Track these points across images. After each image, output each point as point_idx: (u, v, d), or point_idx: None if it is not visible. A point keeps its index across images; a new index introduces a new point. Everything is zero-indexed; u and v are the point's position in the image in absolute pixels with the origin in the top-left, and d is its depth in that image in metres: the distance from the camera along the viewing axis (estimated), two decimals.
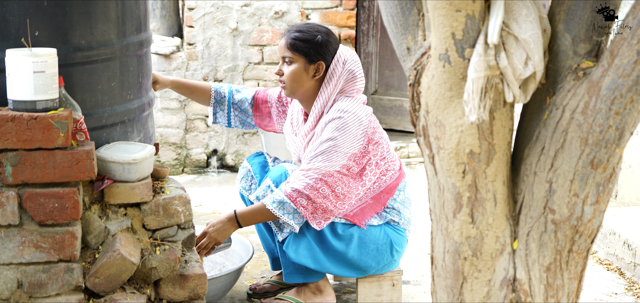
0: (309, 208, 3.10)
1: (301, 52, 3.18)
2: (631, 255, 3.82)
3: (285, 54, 3.20)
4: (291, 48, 3.19)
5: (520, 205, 1.88)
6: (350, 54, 3.24)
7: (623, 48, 1.69)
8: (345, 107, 3.14)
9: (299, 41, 3.18)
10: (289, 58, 3.19)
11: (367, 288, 3.33)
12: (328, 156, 3.10)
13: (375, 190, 3.22)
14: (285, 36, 3.22)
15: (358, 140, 3.13)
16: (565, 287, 1.89)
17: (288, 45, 3.19)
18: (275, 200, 3.10)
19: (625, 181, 4.32)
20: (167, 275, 2.64)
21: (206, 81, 5.41)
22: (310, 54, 3.18)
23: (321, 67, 3.18)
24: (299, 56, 3.18)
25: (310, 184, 3.08)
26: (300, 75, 3.19)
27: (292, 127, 3.38)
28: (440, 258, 1.96)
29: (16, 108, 2.42)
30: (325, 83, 3.18)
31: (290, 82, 3.20)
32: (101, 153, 2.62)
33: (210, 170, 5.53)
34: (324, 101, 3.19)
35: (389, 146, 3.26)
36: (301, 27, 3.23)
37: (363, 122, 3.14)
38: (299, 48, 3.17)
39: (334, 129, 3.11)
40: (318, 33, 3.19)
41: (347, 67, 3.19)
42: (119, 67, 2.74)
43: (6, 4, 2.48)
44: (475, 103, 1.75)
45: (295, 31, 3.20)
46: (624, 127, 1.74)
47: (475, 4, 1.73)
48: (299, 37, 3.18)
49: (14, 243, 2.46)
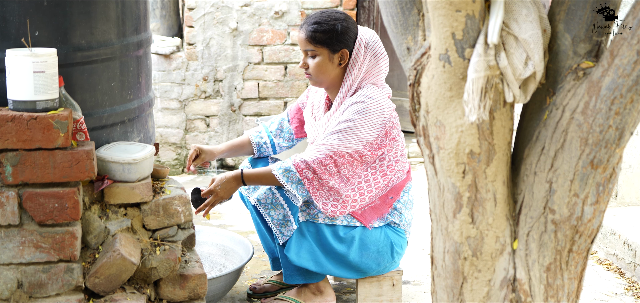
0: (314, 183, 3.09)
1: (323, 44, 3.15)
2: (631, 255, 3.82)
3: (307, 48, 3.17)
4: (312, 41, 3.15)
5: (520, 205, 1.88)
6: (371, 35, 3.22)
7: (623, 48, 1.69)
8: (371, 93, 3.13)
9: (319, 33, 3.14)
10: (312, 51, 3.16)
11: (367, 288, 3.33)
12: (343, 135, 3.09)
13: (383, 190, 3.22)
14: (304, 29, 3.18)
15: (376, 129, 3.12)
16: (565, 287, 1.89)
17: (308, 38, 3.16)
18: (282, 167, 3.10)
19: (625, 181, 4.32)
20: (167, 275, 2.64)
21: (206, 81, 5.41)
22: (332, 43, 3.15)
23: (345, 54, 3.16)
24: (322, 47, 3.15)
25: (319, 159, 3.08)
26: (326, 66, 3.17)
27: (313, 112, 3.36)
28: (440, 258, 1.96)
29: (16, 108, 2.42)
30: (349, 69, 3.17)
31: (317, 74, 3.18)
32: (101, 153, 2.62)
33: (210, 170, 5.53)
34: (348, 86, 3.17)
35: (403, 147, 3.26)
36: (318, 17, 3.18)
37: (384, 112, 3.13)
38: (320, 40, 3.15)
39: (355, 112, 3.10)
40: (337, 21, 3.16)
41: (369, 50, 3.18)
42: (119, 67, 2.74)
43: (6, 4, 2.48)
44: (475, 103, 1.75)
45: (313, 23, 3.16)
46: (624, 127, 1.74)
47: (475, 4, 1.73)
48: (318, 28, 3.15)
49: (14, 243, 2.46)
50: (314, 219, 3.21)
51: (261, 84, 5.50)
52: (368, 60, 3.16)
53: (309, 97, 3.43)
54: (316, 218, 3.20)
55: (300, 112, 3.48)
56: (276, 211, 3.20)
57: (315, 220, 3.20)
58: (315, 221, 3.21)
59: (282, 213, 3.20)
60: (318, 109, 3.34)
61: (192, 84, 5.41)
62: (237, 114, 5.49)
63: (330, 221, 3.20)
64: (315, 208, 3.20)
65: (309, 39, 3.16)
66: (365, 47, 3.16)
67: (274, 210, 3.20)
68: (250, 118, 5.50)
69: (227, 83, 5.45)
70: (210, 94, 5.44)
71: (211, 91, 5.44)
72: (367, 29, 3.23)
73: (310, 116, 3.36)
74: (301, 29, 3.19)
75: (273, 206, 3.20)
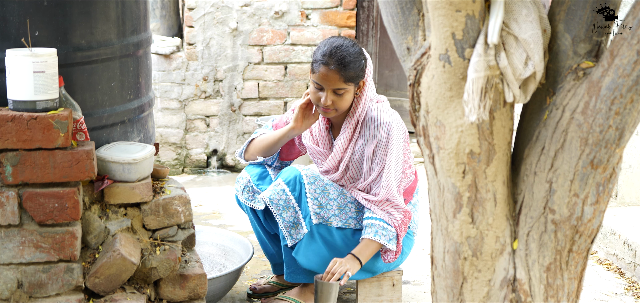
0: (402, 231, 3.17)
1: (353, 80, 3.06)
2: (631, 255, 3.82)
3: (337, 86, 3.04)
4: (346, 80, 3.04)
5: (520, 205, 1.88)
6: (366, 54, 3.19)
7: (623, 48, 1.69)
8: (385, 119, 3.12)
9: (352, 72, 3.03)
10: (342, 89, 3.05)
11: (367, 288, 3.33)
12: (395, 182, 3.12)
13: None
14: (334, 67, 3.01)
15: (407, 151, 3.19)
16: (565, 287, 1.89)
17: (343, 78, 3.03)
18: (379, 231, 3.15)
19: (625, 181, 4.32)
20: (167, 275, 2.64)
21: (206, 81, 5.41)
22: (359, 78, 3.09)
23: (363, 84, 3.12)
24: (352, 84, 3.07)
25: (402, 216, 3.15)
26: (350, 98, 3.10)
27: (313, 137, 3.30)
28: (440, 258, 1.96)
29: (16, 108, 2.42)
30: (361, 94, 3.13)
31: (344, 108, 3.10)
32: (101, 153, 2.62)
33: (210, 170, 5.53)
34: (359, 111, 3.14)
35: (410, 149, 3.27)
36: (347, 56, 3.03)
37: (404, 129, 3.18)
38: (352, 78, 3.05)
39: (390, 153, 3.10)
40: (361, 56, 3.07)
41: (368, 69, 3.15)
42: (119, 67, 2.74)
43: (6, 4, 2.48)
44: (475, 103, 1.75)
45: (345, 62, 3.02)
46: (624, 127, 1.74)
47: (475, 4, 1.73)
48: (352, 68, 3.03)
49: (14, 243, 2.46)
50: (328, 222, 3.19)
51: (261, 84, 5.50)
52: (369, 79, 3.16)
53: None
54: (330, 222, 3.19)
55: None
56: (288, 213, 3.18)
57: (329, 223, 3.19)
58: (329, 225, 3.20)
59: (293, 216, 3.19)
60: (319, 136, 3.28)
61: (192, 84, 5.41)
62: (237, 114, 5.49)
63: (342, 225, 3.20)
64: (329, 212, 3.19)
65: (341, 78, 3.03)
66: (369, 69, 3.15)
67: (286, 211, 3.18)
68: (250, 117, 5.50)
69: (227, 83, 5.45)
70: (210, 94, 5.44)
71: (211, 91, 5.44)
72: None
73: (311, 141, 3.32)
74: (327, 66, 3.02)
75: (285, 208, 3.18)
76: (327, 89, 3.05)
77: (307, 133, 3.32)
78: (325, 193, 3.18)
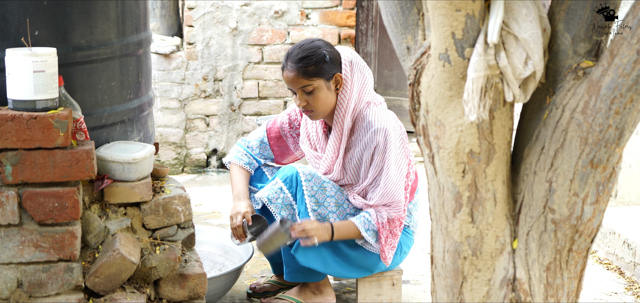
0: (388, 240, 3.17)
1: (317, 75, 3.07)
2: (631, 254, 3.82)
3: (301, 85, 3.07)
4: (305, 75, 3.06)
5: (520, 205, 1.88)
6: (350, 52, 3.20)
7: (623, 48, 1.69)
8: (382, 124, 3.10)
9: (310, 66, 3.06)
10: (308, 86, 3.07)
11: (367, 288, 3.33)
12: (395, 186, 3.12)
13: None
14: (291, 67, 3.07)
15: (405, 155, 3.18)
16: (565, 287, 1.89)
17: (301, 74, 3.07)
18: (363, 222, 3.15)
19: (625, 180, 4.32)
20: (167, 274, 2.64)
21: (206, 80, 5.41)
22: (325, 71, 3.09)
23: (339, 78, 3.11)
24: (317, 78, 3.08)
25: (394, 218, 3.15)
26: (326, 96, 3.10)
27: (310, 142, 3.31)
28: (440, 257, 1.96)
29: (16, 108, 2.42)
30: (342, 92, 3.12)
31: (320, 107, 3.11)
32: (101, 152, 2.62)
33: (210, 170, 5.54)
34: (344, 109, 3.13)
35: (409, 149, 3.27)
36: (301, 52, 3.09)
37: (401, 133, 3.17)
38: (314, 72, 3.07)
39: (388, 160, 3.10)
40: (319, 49, 3.10)
41: (355, 67, 3.14)
42: (119, 66, 2.74)
43: (6, 4, 2.48)
44: (475, 103, 1.75)
45: (300, 58, 3.07)
46: (624, 126, 1.74)
47: (475, 4, 1.73)
48: (308, 61, 3.07)
49: (14, 242, 2.46)
50: (325, 219, 3.19)
51: (261, 84, 5.50)
52: (356, 76, 3.14)
53: (300, 130, 3.37)
54: (327, 219, 3.19)
55: (282, 141, 3.42)
56: (286, 211, 3.18)
57: (327, 220, 3.19)
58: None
59: (291, 214, 3.19)
60: (317, 139, 3.28)
61: (192, 84, 5.41)
62: (237, 113, 5.50)
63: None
64: (326, 209, 3.19)
65: (301, 75, 3.07)
66: (350, 65, 3.14)
67: (284, 210, 3.18)
68: (250, 117, 5.50)
69: (227, 83, 5.45)
70: (210, 94, 5.45)
71: (211, 90, 5.44)
72: (346, 48, 3.21)
73: (309, 146, 3.32)
74: (287, 68, 3.09)
75: (283, 207, 3.18)
76: (296, 89, 3.11)
77: (305, 138, 3.33)
78: (322, 190, 3.18)
